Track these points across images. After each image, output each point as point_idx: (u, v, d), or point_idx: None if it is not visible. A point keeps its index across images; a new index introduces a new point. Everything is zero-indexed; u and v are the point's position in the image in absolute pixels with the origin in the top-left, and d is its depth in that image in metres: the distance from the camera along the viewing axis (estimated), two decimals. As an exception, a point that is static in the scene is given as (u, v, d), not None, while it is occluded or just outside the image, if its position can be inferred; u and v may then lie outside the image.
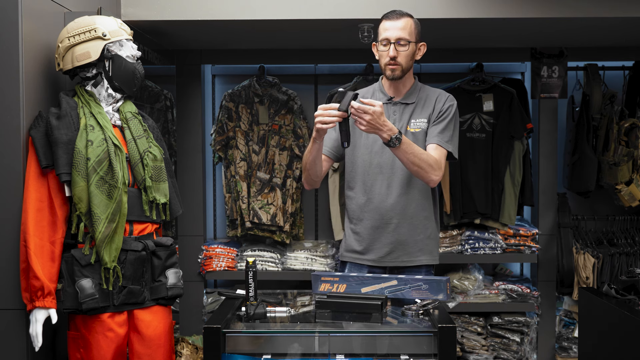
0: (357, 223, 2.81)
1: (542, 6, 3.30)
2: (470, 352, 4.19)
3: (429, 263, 2.82)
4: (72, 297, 2.36)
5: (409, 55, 2.72)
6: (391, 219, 2.76)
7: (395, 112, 2.78)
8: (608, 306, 2.86)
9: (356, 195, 2.81)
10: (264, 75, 4.28)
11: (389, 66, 2.72)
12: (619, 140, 4.11)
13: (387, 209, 2.75)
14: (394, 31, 2.69)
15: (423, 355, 2.20)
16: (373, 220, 2.77)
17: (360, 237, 2.81)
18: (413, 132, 2.76)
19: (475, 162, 4.18)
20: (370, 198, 2.77)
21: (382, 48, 2.72)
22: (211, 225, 4.58)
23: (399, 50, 2.70)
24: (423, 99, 2.81)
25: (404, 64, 2.71)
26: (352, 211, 2.84)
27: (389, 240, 2.77)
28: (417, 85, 2.84)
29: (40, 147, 2.37)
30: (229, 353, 2.21)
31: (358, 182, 2.80)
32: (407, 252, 2.78)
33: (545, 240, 4.30)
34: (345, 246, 2.88)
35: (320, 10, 3.32)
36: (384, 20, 2.74)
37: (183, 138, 4.31)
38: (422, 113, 2.78)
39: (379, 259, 2.78)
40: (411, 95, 2.80)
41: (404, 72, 2.73)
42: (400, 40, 2.69)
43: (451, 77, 4.38)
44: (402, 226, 2.76)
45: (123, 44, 2.52)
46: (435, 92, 2.84)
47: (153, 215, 2.56)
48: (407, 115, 2.78)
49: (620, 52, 4.27)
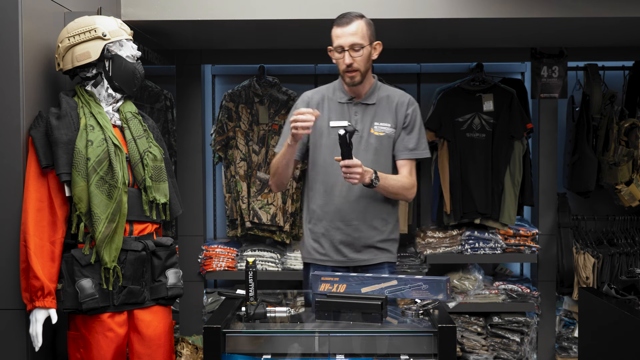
0: (317, 223, 2.79)
1: (542, 6, 3.30)
2: (470, 352, 4.19)
3: (389, 261, 2.83)
4: (72, 297, 2.36)
5: (365, 59, 2.69)
6: (352, 220, 2.75)
7: (356, 113, 2.77)
8: (608, 306, 2.86)
9: (317, 195, 2.79)
10: (264, 75, 4.28)
11: (347, 73, 2.69)
12: (619, 140, 4.11)
13: (348, 210, 2.74)
14: (347, 37, 2.65)
15: (423, 355, 2.20)
16: (334, 221, 2.76)
17: (321, 238, 2.79)
18: (377, 135, 2.75)
19: (475, 162, 4.18)
20: (332, 199, 2.75)
21: (337, 55, 2.69)
22: (211, 225, 4.58)
23: (354, 57, 2.66)
24: (384, 100, 2.79)
25: (361, 68, 2.68)
26: (312, 211, 2.81)
27: (350, 241, 2.76)
28: (377, 85, 2.81)
29: (40, 147, 2.37)
30: (229, 353, 2.21)
31: (319, 182, 2.78)
32: (368, 251, 2.78)
33: (545, 240, 4.30)
34: (307, 247, 2.85)
35: (320, 10, 3.32)
36: (335, 27, 2.68)
37: (183, 138, 4.31)
38: (386, 117, 2.77)
39: (342, 260, 2.77)
40: (371, 96, 2.78)
41: (363, 75, 2.71)
42: (354, 45, 2.65)
43: (451, 77, 4.38)
44: (363, 227, 2.75)
45: (123, 44, 2.52)
46: (396, 93, 2.83)
47: (153, 215, 2.56)
48: (370, 117, 2.76)
49: (620, 52, 4.27)
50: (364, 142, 2.74)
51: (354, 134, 2.63)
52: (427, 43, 4.15)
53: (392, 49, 4.29)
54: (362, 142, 2.74)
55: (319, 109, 2.76)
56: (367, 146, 2.74)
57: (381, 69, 4.35)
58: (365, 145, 2.74)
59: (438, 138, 4.21)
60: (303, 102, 2.82)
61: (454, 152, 4.19)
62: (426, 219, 4.54)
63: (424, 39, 3.99)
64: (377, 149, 2.75)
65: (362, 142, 2.74)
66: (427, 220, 4.53)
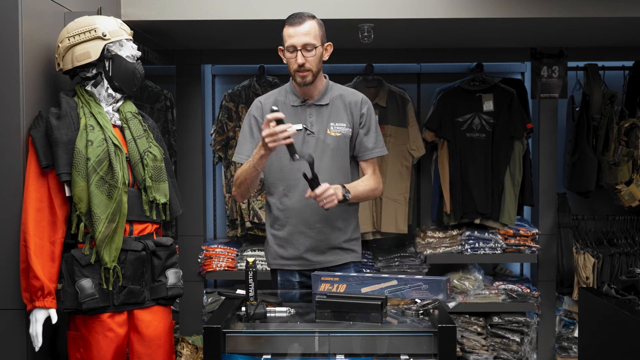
0: (280, 228, 2.75)
1: (542, 6, 3.30)
2: (470, 352, 4.19)
3: (355, 260, 2.82)
4: (72, 297, 2.36)
5: (317, 59, 2.67)
6: (315, 223, 2.72)
7: (311, 115, 2.74)
8: (608, 306, 2.86)
9: (277, 200, 2.75)
10: (264, 75, 4.28)
11: (298, 73, 2.67)
12: (619, 140, 4.11)
13: (311, 214, 2.71)
14: (299, 37, 2.63)
15: (423, 355, 2.19)
16: (297, 225, 2.73)
17: (285, 243, 2.76)
18: (334, 136, 2.73)
19: (475, 162, 4.18)
20: (292, 203, 2.72)
21: (289, 55, 2.67)
22: (211, 225, 4.58)
23: (307, 57, 2.64)
24: (337, 99, 2.77)
25: (313, 68, 2.67)
26: (274, 217, 2.77)
27: (314, 245, 2.74)
28: (329, 85, 2.79)
29: (40, 147, 2.37)
30: (229, 353, 2.21)
31: (278, 186, 2.74)
32: (333, 253, 2.76)
33: (545, 240, 4.30)
34: (271, 253, 2.80)
35: (320, 10, 3.31)
36: (287, 26, 2.67)
37: (183, 138, 4.31)
38: (341, 117, 2.75)
39: (308, 263, 2.75)
40: (324, 97, 2.76)
41: (315, 76, 2.69)
42: (306, 45, 2.64)
43: (451, 77, 4.39)
44: (326, 229, 2.73)
45: (123, 44, 2.52)
46: (348, 93, 2.81)
47: (153, 215, 2.56)
48: (325, 118, 2.74)
49: (620, 52, 4.27)
50: (320, 143, 2.71)
51: (311, 136, 2.67)
52: (427, 43, 4.15)
53: (392, 49, 4.30)
54: (319, 144, 2.71)
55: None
56: (324, 147, 2.71)
57: (381, 69, 4.36)
58: (322, 146, 2.71)
59: (438, 138, 4.22)
60: (257, 108, 2.77)
61: (454, 152, 4.19)
62: (426, 219, 4.55)
63: (424, 39, 3.99)
64: (334, 149, 2.72)
65: (318, 144, 2.71)
66: (427, 220, 4.53)
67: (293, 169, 2.67)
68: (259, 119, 2.74)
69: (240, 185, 2.70)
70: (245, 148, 2.74)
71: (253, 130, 2.75)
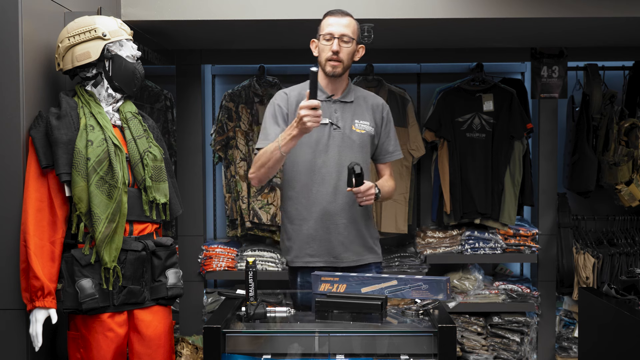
0: (303, 224, 2.75)
1: (542, 6, 3.30)
2: (470, 352, 4.19)
3: (375, 261, 2.84)
4: (72, 297, 2.36)
5: (350, 53, 2.71)
6: (340, 219, 2.73)
7: (336, 111, 2.76)
8: (608, 306, 2.86)
9: (299, 196, 2.75)
10: (264, 75, 4.28)
11: (330, 62, 2.69)
12: (619, 140, 4.11)
13: (336, 211, 2.73)
14: (339, 27, 2.68)
15: (423, 355, 2.20)
16: (320, 222, 2.73)
17: (310, 239, 2.75)
18: (359, 133, 2.76)
19: (475, 162, 4.18)
20: (317, 200, 2.73)
21: (324, 42, 2.70)
22: (211, 225, 4.58)
23: (342, 46, 2.68)
24: (360, 99, 2.82)
25: (345, 60, 2.70)
26: (297, 212, 2.76)
27: (338, 242, 2.74)
28: (351, 86, 2.84)
29: (40, 147, 2.37)
30: (229, 353, 2.21)
31: (301, 182, 2.75)
32: (356, 252, 2.78)
33: (545, 240, 4.30)
34: (293, 250, 2.80)
35: (320, 10, 3.31)
36: (327, 17, 2.73)
37: (183, 138, 4.31)
38: (365, 116, 2.79)
39: (331, 261, 2.75)
40: (349, 94, 2.80)
41: (344, 70, 2.73)
42: (344, 36, 2.68)
43: (451, 77, 4.38)
44: (349, 227, 2.75)
45: (123, 44, 2.52)
46: (369, 95, 2.87)
47: (153, 215, 2.56)
48: (350, 114, 2.77)
49: (620, 52, 4.27)
50: (346, 139, 2.75)
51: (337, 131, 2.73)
52: (427, 43, 4.15)
53: (392, 49, 4.30)
54: (345, 139, 2.74)
55: (299, 105, 2.74)
56: (350, 143, 2.75)
57: (381, 69, 4.35)
58: (348, 142, 2.75)
59: (438, 138, 4.22)
60: (282, 99, 2.79)
61: (454, 152, 4.19)
62: (426, 219, 4.55)
63: (424, 39, 3.99)
64: (359, 145, 2.76)
65: (344, 139, 2.74)
66: (427, 220, 4.53)
67: (317, 164, 2.70)
68: (284, 108, 2.76)
69: (260, 168, 2.68)
70: (271, 132, 2.73)
71: (277, 118, 2.76)
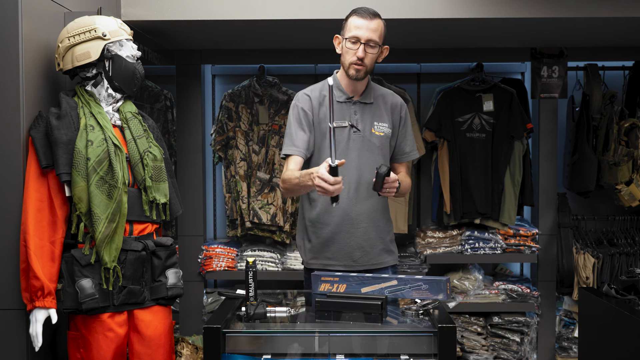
0: (324, 227, 2.74)
1: (542, 6, 3.30)
2: (470, 352, 4.19)
3: (393, 264, 2.84)
4: (72, 297, 2.36)
5: (374, 58, 2.68)
6: (360, 223, 2.73)
7: (356, 112, 2.75)
8: (608, 306, 2.86)
9: (321, 198, 2.73)
10: (264, 75, 4.28)
11: (354, 65, 2.65)
12: (619, 140, 4.11)
13: (357, 214, 2.72)
14: (366, 31, 2.62)
15: (423, 355, 2.19)
16: (342, 225, 2.72)
17: (328, 242, 2.75)
18: (378, 135, 2.75)
19: (475, 162, 4.18)
20: (340, 201, 2.68)
21: (350, 45, 2.64)
22: (211, 225, 4.58)
23: (368, 52, 2.64)
24: (380, 99, 2.80)
25: (369, 65, 2.67)
26: (317, 215, 2.75)
27: (358, 245, 2.74)
28: (371, 84, 2.81)
29: (40, 147, 2.37)
30: (229, 353, 2.21)
31: None
32: (375, 254, 2.77)
33: (545, 240, 4.30)
34: (312, 252, 2.79)
35: (320, 10, 3.32)
36: (355, 16, 2.64)
37: (183, 138, 4.31)
38: (383, 117, 2.78)
39: (350, 264, 2.75)
40: (368, 95, 2.78)
41: (367, 73, 2.70)
42: (370, 41, 2.63)
43: (451, 77, 4.39)
44: (370, 229, 2.74)
45: (123, 44, 2.52)
46: (388, 94, 2.84)
47: (153, 215, 2.56)
48: (369, 116, 2.76)
49: (620, 52, 4.27)
50: (366, 142, 2.73)
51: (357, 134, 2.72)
52: (427, 43, 4.15)
53: (392, 49, 4.27)
54: (365, 142, 2.73)
55: (321, 107, 2.74)
56: (370, 146, 2.74)
57: (381, 68, 4.35)
58: (368, 145, 2.73)
59: (438, 138, 4.22)
60: (305, 101, 2.76)
61: (454, 152, 4.19)
62: (426, 219, 4.55)
63: (424, 39, 3.99)
64: (379, 148, 2.75)
65: (365, 142, 2.73)
66: (427, 220, 4.53)
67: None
68: (309, 112, 2.74)
69: (288, 191, 2.68)
70: (297, 139, 2.70)
71: (302, 123, 2.72)
